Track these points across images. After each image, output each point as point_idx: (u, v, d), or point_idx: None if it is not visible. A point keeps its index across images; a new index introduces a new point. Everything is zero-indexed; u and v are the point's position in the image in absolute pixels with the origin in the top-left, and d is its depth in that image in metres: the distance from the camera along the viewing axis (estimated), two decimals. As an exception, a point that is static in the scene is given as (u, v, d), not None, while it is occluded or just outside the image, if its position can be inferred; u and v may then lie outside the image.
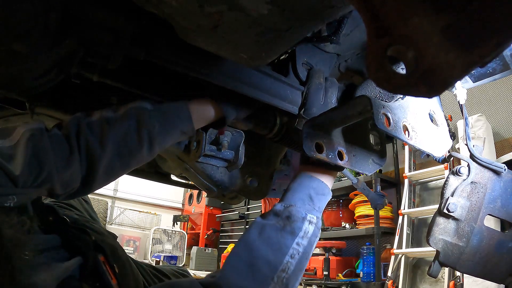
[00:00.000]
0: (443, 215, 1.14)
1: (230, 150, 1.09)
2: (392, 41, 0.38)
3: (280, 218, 0.79)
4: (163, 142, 0.84)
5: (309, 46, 1.02)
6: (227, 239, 6.40)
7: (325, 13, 0.58)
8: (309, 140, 0.84)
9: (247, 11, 0.56)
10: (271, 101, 0.97)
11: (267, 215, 0.81)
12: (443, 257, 1.13)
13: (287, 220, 0.78)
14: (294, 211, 0.80)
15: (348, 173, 1.74)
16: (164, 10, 0.59)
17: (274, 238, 0.76)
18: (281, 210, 0.81)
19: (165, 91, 0.94)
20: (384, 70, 0.39)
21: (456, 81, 0.37)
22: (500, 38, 0.32)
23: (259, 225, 0.79)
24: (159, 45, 0.80)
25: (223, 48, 0.69)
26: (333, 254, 4.31)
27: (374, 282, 3.57)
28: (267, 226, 0.78)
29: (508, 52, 1.12)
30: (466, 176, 1.18)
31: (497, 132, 3.42)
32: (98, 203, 6.28)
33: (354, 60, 1.16)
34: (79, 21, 0.69)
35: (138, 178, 1.63)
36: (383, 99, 1.00)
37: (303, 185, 0.87)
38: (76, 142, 0.72)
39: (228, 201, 1.36)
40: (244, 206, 5.92)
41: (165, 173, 1.59)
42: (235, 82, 0.90)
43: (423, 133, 0.95)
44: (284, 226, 0.77)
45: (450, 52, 0.35)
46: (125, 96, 1.01)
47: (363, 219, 4.01)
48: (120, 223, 7.46)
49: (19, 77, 0.74)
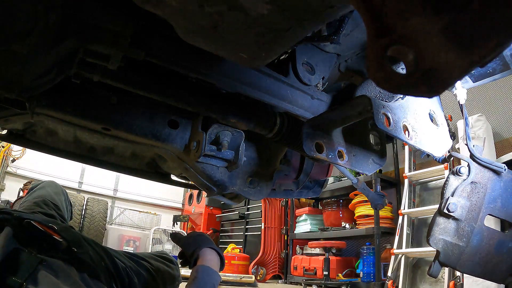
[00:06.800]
0: (443, 215, 1.14)
1: (230, 150, 1.08)
2: (392, 41, 0.38)
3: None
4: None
5: (309, 46, 1.02)
6: (227, 239, 6.40)
7: (325, 13, 0.58)
8: (309, 140, 0.84)
9: (247, 11, 0.56)
10: (271, 101, 0.97)
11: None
12: (443, 257, 1.13)
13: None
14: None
15: (348, 173, 1.74)
16: (163, 10, 0.59)
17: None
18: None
19: (166, 92, 0.93)
20: (384, 70, 0.39)
21: (456, 81, 0.37)
22: (500, 38, 0.32)
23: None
24: (159, 45, 0.80)
25: (223, 48, 0.69)
26: (333, 254, 4.31)
27: (374, 282, 3.57)
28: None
29: (508, 52, 1.12)
30: (466, 176, 1.18)
31: (497, 132, 3.42)
32: (98, 203, 6.28)
33: (354, 60, 1.16)
34: (79, 21, 0.69)
35: (138, 178, 1.64)
36: (383, 99, 1.00)
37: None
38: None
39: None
40: (244, 206, 5.91)
41: (165, 173, 1.59)
42: (235, 82, 0.91)
43: (423, 133, 0.95)
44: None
45: (450, 52, 0.35)
46: (125, 96, 1.01)
47: (363, 219, 4.01)
48: (120, 223, 7.46)
49: (19, 77, 0.74)
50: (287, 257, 4.89)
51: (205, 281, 1.00)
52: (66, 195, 1.58)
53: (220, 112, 0.99)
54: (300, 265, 4.44)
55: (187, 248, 1.15)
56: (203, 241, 1.17)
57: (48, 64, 0.74)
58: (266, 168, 1.26)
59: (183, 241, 1.20)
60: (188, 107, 0.97)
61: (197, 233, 1.28)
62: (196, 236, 1.23)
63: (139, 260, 1.30)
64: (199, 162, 1.07)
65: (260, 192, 1.23)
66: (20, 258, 0.79)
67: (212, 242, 1.20)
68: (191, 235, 1.24)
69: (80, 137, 1.33)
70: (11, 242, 0.84)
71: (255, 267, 4.88)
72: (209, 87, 0.96)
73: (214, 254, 1.14)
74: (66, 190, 1.67)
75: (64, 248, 0.94)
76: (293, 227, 4.97)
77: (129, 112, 1.02)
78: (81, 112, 0.96)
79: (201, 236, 1.23)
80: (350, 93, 1.03)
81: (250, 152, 1.23)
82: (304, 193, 1.64)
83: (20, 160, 6.37)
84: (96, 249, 1.09)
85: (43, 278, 0.77)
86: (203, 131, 1.05)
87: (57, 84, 0.82)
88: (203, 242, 1.16)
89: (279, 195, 1.54)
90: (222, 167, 1.13)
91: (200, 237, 1.21)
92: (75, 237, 1.03)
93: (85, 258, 0.96)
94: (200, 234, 1.25)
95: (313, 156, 0.84)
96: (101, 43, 0.72)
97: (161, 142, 1.07)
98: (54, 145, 1.34)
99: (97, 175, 7.31)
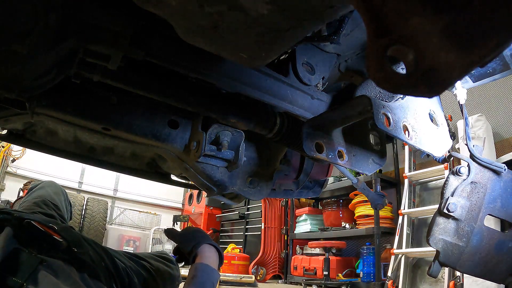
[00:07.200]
0: (443, 215, 1.14)
1: (230, 150, 1.08)
2: (392, 41, 0.38)
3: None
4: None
5: (309, 46, 1.02)
6: (227, 239, 6.40)
7: (325, 13, 0.58)
8: (309, 140, 0.84)
9: (247, 11, 0.56)
10: (271, 101, 0.97)
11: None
12: (443, 257, 1.13)
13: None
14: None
15: (348, 173, 1.74)
16: (163, 10, 0.59)
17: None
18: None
19: (166, 92, 0.94)
20: (384, 70, 0.39)
21: (456, 81, 0.37)
22: (500, 38, 0.32)
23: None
24: (159, 45, 0.80)
25: (223, 48, 0.69)
26: (333, 254, 4.31)
27: (374, 282, 3.57)
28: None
29: (508, 52, 1.12)
30: (466, 176, 1.18)
31: (497, 132, 3.42)
32: (98, 203, 6.28)
33: (354, 60, 1.16)
34: (79, 21, 0.69)
35: (138, 178, 1.64)
36: (383, 99, 1.00)
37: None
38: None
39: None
40: (244, 206, 5.91)
41: (165, 173, 1.59)
42: (235, 82, 0.91)
43: (423, 133, 0.95)
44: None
45: (450, 52, 0.35)
46: (125, 96, 1.01)
47: (363, 219, 4.01)
48: (120, 223, 7.46)
49: (19, 77, 0.74)
50: (287, 257, 4.89)
51: (204, 280, 0.99)
52: (65, 195, 1.58)
53: (220, 112, 0.99)
54: (300, 265, 4.44)
55: (185, 244, 1.14)
56: (201, 237, 1.16)
57: (48, 64, 0.74)
58: (266, 168, 1.26)
59: (179, 237, 1.18)
60: (188, 107, 0.97)
61: (194, 228, 1.26)
62: (194, 232, 1.21)
63: (139, 260, 1.30)
64: (199, 162, 1.07)
65: (260, 192, 1.23)
66: (20, 258, 0.80)
67: (210, 238, 1.18)
68: (188, 230, 1.22)
69: (80, 137, 1.34)
70: (11, 242, 0.84)
71: (255, 267, 4.88)
72: (209, 87, 0.96)
73: (213, 251, 1.12)
74: (66, 190, 1.68)
75: (64, 248, 0.94)
76: (293, 227, 4.97)
77: (129, 112, 1.02)
78: (81, 112, 0.96)
79: (199, 232, 1.21)
80: (350, 93, 1.03)
81: (250, 152, 1.23)
82: (304, 193, 1.64)
83: (20, 160, 6.38)
84: (96, 249, 1.09)
85: (43, 278, 0.77)
86: (203, 131, 1.05)
87: (57, 84, 0.82)
88: (202, 239, 1.14)
89: (279, 195, 1.54)
90: (222, 167, 1.13)
91: (198, 233, 1.19)
92: (75, 237, 1.03)
93: (85, 258, 0.96)
94: (198, 230, 1.23)
95: (313, 156, 0.84)
96: (101, 43, 0.72)
97: (161, 142, 1.07)
98: (54, 145, 1.34)
99: (97, 175, 7.31)
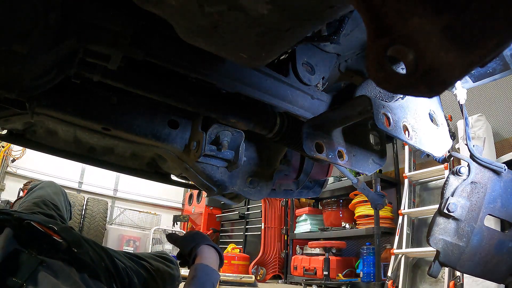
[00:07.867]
0: (443, 215, 1.14)
1: (230, 150, 1.08)
2: (392, 41, 0.38)
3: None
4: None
5: (309, 46, 1.02)
6: (227, 239, 6.40)
7: (325, 13, 0.58)
8: (309, 140, 0.84)
9: (247, 11, 0.56)
10: (271, 101, 0.97)
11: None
12: (443, 257, 1.13)
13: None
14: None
15: (348, 173, 1.74)
16: (163, 10, 0.59)
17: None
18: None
19: (166, 92, 0.93)
20: (384, 70, 0.39)
21: (456, 81, 0.37)
22: (500, 38, 0.32)
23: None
24: (159, 45, 0.80)
25: (223, 48, 0.69)
26: (333, 254, 4.31)
27: (374, 282, 3.57)
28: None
29: (508, 52, 1.12)
30: (466, 176, 1.18)
31: (497, 132, 3.42)
32: (98, 203, 6.28)
33: (354, 60, 1.16)
34: (79, 21, 0.69)
35: (138, 178, 1.64)
36: (383, 99, 1.00)
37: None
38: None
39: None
40: (244, 206, 5.91)
41: (165, 173, 1.59)
42: (235, 82, 0.90)
43: (423, 133, 0.95)
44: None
45: (450, 52, 0.35)
46: (125, 96, 1.01)
47: (363, 219, 4.01)
48: (120, 223, 7.46)
49: (19, 77, 0.74)
50: (287, 257, 4.89)
51: (204, 280, 0.99)
52: (65, 195, 1.58)
53: (220, 112, 0.99)
54: (300, 265, 4.44)
55: (184, 246, 1.14)
56: (200, 238, 1.16)
57: (48, 64, 0.74)
58: (266, 168, 1.26)
59: (180, 240, 1.19)
60: (188, 107, 0.97)
61: (193, 231, 1.27)
62: (193, 234, 1.22)
63: (139, 260, 1.30)
64: (199, 162, 1.07)
65: (260, 192, 1.23)
66: (20, 259, 0.80)
67: (210, 239, 1.19)
68: (188, 234, 1.23)
69: (80, 137, 1.34)
70: (11, 243, 0.84)
71: (255, 267, 4.88)
72: (209, 87, 0.96)
73: (213, 251, 1.12)
74: (66, 190, 1.68)
75: (64, 249, 0.94)
76: (293, 227, 4.97)
77: (129, 112, 1.02)
78: (81, 112, 0.96)
79: (198, 234, 1.22)
80: (350, 93, 1.03)
81: (250, 152, 1.23)
82: (304, 193, 1.64)
83: (20, 160, 6.38)
84: (96, 249, 1.09)
85: (43, 279, 0.77)
86: (203, 131, 1.05)
87: (57, 84, 0.82)
88: (201, 240, 1.15)
89: (279, 195, 1.54)
90: (222, 167, 1.13)
91: (197, 235, 1.20)
92: (75, 238, 1.03)
93: (85, 258, 0.97)
94: (197, 232, 1.24)
95: (313, 156, 0.84)
96: (101, 43, 0.72)
97: (161, 142, 1.07)
98: (54, 145, 1.34)
99: (97, 175, 7.31)
